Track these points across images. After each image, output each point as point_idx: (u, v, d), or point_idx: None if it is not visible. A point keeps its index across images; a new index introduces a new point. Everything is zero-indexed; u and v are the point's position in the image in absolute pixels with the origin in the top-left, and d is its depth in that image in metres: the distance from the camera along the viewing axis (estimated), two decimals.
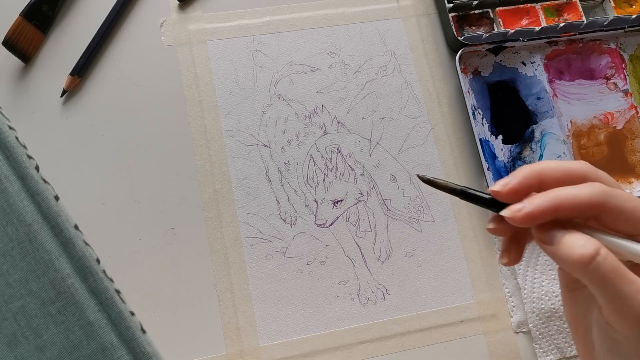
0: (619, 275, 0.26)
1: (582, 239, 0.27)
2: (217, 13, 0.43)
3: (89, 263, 0.25)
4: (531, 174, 0.29)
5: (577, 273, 0.28)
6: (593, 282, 0.27)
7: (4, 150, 0.26)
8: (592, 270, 0.27)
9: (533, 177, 0.29)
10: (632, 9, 0.46)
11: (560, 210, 0.27)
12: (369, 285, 0.38)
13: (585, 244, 0.27)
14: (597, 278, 0.27)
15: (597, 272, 0.27)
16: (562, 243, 0.28)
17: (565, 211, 0.27)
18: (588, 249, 0.27)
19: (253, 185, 0.40)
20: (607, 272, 0.26)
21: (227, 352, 0.36)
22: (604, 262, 0.26)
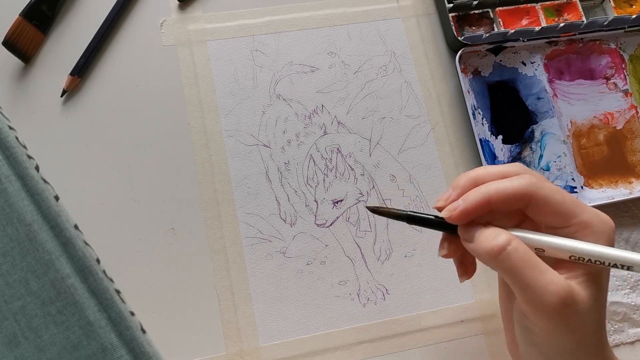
0: (529, 266, 0.27)
1: (494, 232, 0.29)
2: (217, 13, 0.43)
3: (89, 263, 0.25)
4: (468, 181, 0.30)
5: (490, 265, 0.29)
6: (504, 273, 0.28)
7: (4, 150, 0.26)
8: (502, 261, 0.28)
9: (471, 185, 0.30)
10: (632, 9, 0.46)
11: (492, 203, 0.29)
12: (369, 285, 0.38)
13: (496, 237, 0.28)
14: (507, 268, 0.28)
15: (507, 263, 0.28)
16: (477, 237, 0.29)
17: (496, 204, 0.29)
18: (498, 242, 0.28)
19: (253, 185, 0.40)
20: (516, 262, 0.27)
21: (227, 352, 0.36)
22: (513, 253, 0.27)
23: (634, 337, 0.39)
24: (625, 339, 0.39)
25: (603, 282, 0.29)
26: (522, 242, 0.28)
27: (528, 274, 0.27)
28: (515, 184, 0.29)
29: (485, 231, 0.29)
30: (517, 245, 0.28)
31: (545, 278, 0.27)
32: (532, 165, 0.42)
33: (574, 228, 0.29)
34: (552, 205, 0.29)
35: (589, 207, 0.29)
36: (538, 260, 0.28)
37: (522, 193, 0.29)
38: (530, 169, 0.31)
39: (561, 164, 0.42)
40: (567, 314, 0.27)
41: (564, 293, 0.27)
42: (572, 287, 0.27)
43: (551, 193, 0.29)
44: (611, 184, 0.42)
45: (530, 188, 0.29)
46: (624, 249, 0.41)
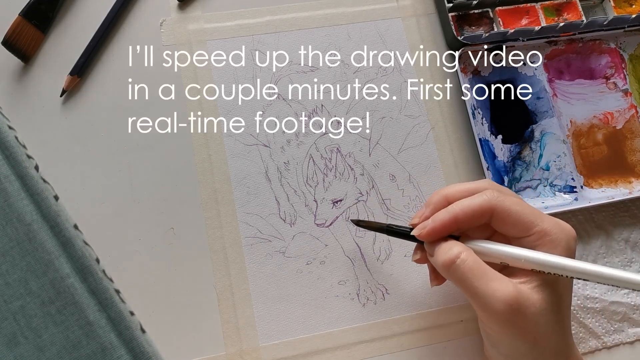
0: (477, 275, 0.30)
1: (448, 245, 0.31)
2: (216, 13, 0.43)
3: (89, 263, 0.25)
4: (440, 199, 0.33)
5: (446, 276, 0.32)
6: (456, 283, 0.31)
7: (4, 150, 0.26)
8: (453, 272, 0.30)
9: (442, 202, 0.33)
10: (632, 9, 0.46)
11: (460, 221, 0.31)
12: (369, 285, 0.38)
13: (449, 250, 0.31)
14: (457, 279, 0.31)
15: (457, 274, 0.30)
16: (436, 251, 0.32)
17: (464, 221, 0.31)
18: (450, 254, 0.31)
19: (253, 185, 0.40)
20: (464, 272, 0.30)
21: (226, 352, 0.36)
22: (462, 264, 0.30)
23: (634, 337, 0.39)
24: (625, 339, 0.39)
25: (560, 286, 0.31)
26: (472, 253, 0.31)
27: (476, 283, 0.30)
28: (477, 201, 0.31)
29: (442, 245, 0.31)
30: (466, 257, 0.30)
31: (492, 286, 0.29)
32: (532, 165, 0.42)
33: (534, 237, 0.31)
34: (512, 217, 0.31)
35: (549, 217, 0.31)
36: (486, 270, 0.30)
37: (484, 208, 0.31)
38: (497, 184, 0.34)
39: (561, 164, 0.42)
40: (515, 317, 0.29)
41: (510, 299, 0.29)
42: (521, 292, 0.29)
43: (512, 206, 0.31)
44: (611, 184, 0.42)
45: (491, 202, 0.31)
46: (624, 248, 0.41)
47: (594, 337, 0.38)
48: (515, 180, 0.41)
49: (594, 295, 0.39)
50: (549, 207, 0.40)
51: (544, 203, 0.40)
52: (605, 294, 0.39)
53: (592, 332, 0.38)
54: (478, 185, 0.33)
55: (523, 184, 0.41)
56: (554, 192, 0.41)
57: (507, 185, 0.41)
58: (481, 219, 0.31)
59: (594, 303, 0.39)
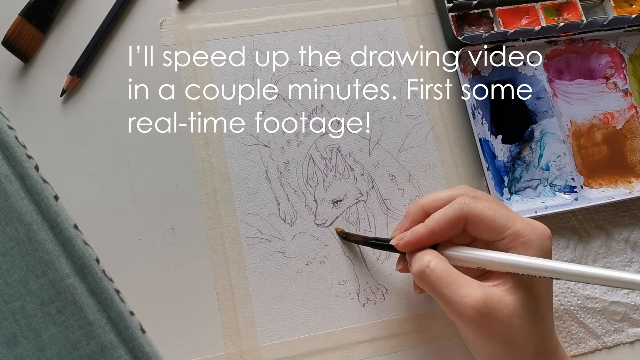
0: (446, 283, 0.30)
1: (420, 254, 0.32)
2: (216, 13, 0.43)
3: (89, 263, 0.25)
4: (417, 210, 0.34)
5: (419, 284, 0.32)
6: (428, 291, 0.32)
7: (4, 150, 0.25)
8: (424, 281, 0.31)
9: (420, 213, 0.34)
10: (632, 9, 0.46)
11: (436, 234, 0.32)
12: (369, 285, 0.38)
13: (420, 259, 0.31)
14: (429, 287, 0.31)
15: (427, 282, 0.31)
16: (411, 262, 0.32)
17: (440, 233, 0.32)
18: (420, 263, 0.31)
19: (253, 185, 0.40)
20: (434, 280, 0.30)
21: (226, 351, 0.36)
22: (431, 273, 0.31)
23: (634, 337, 0.39)
24: (625, 339, 0.39)
25: (537, 287, 0.31)
26: (442, 261, 0.31)
27: (445, 290, 0.30)
28: (449, 211, 0.32)
29: (416, 255, 0.32)
30: (435, 266, 0.31)
31: (460, 292, 0.30)
32: (532, 165, 0.42)
33: (507, 240, 0.31)
34: (484, 222, 0.31)
35: (522, 219, 0.32)
36: (456, 277, 0.30)
37: (457, 217, 0.31)
38: (472, 190, 0.34)
39: (561, 164, 0.42)
40: (486, 322, 0.29)
41: (479, 304, 0.29)
42: (490, 296, 0.30)
43: (484, 211, 0.31)
44: (611, 184, 0.42)
45: (463, 210, 0.31)
46: (624, 248, 0.41)
47: (594, 337, 0.38)
48: (515, 180, 0.41)
49: (594, 295, 0.39)
50: (549, 207, 0.40)
51: (544, 203, 0.40)
52: (605, 294, 0.39)
53: (592, 332, 0.38)
54: (453, 193, 0.33)
55: (523, 184, 0.41)
56: (554, 192, 0.41)
57: (506, 185, 0.41)
58: (457, 228, 0.32)
59: (594, 303, 0.39)
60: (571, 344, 0.38)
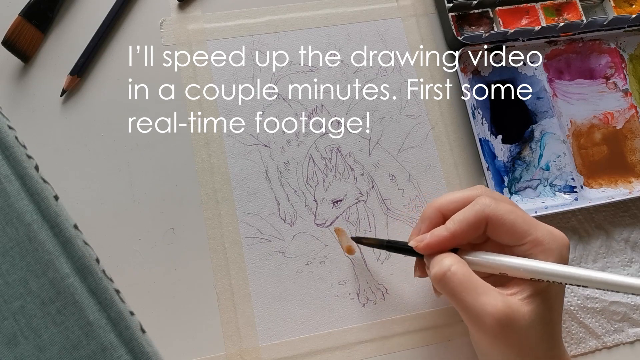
0: (467, 289, 0.29)
1: (440, 258, 0.31)
2: (216, 13, 0.43)
3: (89, 263, 0.25)
4: (433, 212, 0.33)
5: (438, 288, 0.31)
6: (447, 296, 0.31)
7: (4, 150, 0.25)
8: (444, 285, 0.30)
9: (436, 215, 0.33)
10: (632, 9, 0.46)
11: (458, 237, 0.31)
12: (369, 285, 0.38)
13: (440, 263, 0.31)
14: (448, 292, 0.30)
15: (447, 287, 0.30)
16: (430, 265, 0.31)
17: (462, 236, 0.31)
18: (441, 267, 0.30)
19: (253, 185, 0.40)
20: (455, 285, 0.30)
21: (226, 351, 0.36)
22: (452, 277, 0.30)
23: (634, 337, 0.39)
24: (625, 339, 0.39)
25: (551, 297, 0.30)
26: (463, 266, 0.30)
27: (466, 296, 0.29)
28: (471, 212, 0.31)
29: (435, 258, 0.31)
30: (456, 270, 0.30)
31: (481, 300, 0.29)
32: (532, 165, 0.42)
33: (527, 246, 0.30)
34: (505, 225, 0.31)
35: (543, 226, 0.31)
36: (477, 283, 0.29)
37: (479, 219, 0.31)
38: (490, 190, 0.33)
39: (561, 164, 0.42)
40: (504, 332, 0.29)
41: (499, 314, 0.28)
42: (511, 307, 0.29)
43: (505, 214, 0.31)
44: (611, 184, 0.42)
45: (484, 211, 0.31)
46: (624, 248, 0.41)
47: (594, 337, 0.38)
48: (515, 180, 0.41)
49: (594, 295, 0.39)
50: (549, 207, 0.40)
51: (544, 203, 0.40)
52: (605, 294, 0.39)
53: (592, 332, 0.38)
54: (470, 194, 0.33)
55: (523, 184, 0.41)
56: (554, 192, 0.41)
57: (506, 185, 0.41)
58: (478, 230, 0.31)
59: (594, 303, 0.39)
60: (571, 344, 0.38)
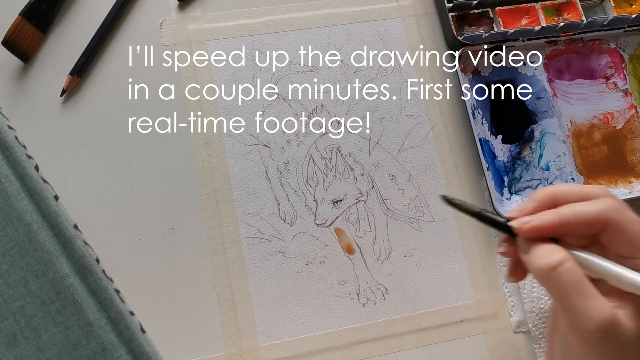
0: (577, 289, 0.27)
1: (550, 249, 0.28)
2: (216, 13, 0.43)
3: (89, 263, 0.25)
4: (546, 197, 0.30)
5: (539, 280, 0.29)
6: (552, 291, 0.28)
7: (4, 150, 0.25)
8: (552, 279, 0.28)
9: (548, 201, 0.30)
10: (632, 9, 0.46)
11: (568, 227, 0.28)
12: (369, 285, 0.38)
13: (551, 255, 0.28)
14: (555, 287, 0.28)
15: (556, 282, 0.27)
16: (533, 251, 0.29)
17: (572, 228, 0.28)
18: (551, 259, 0.28)
19: (253, 185, 0.40)
20: (565, 283, 0.27)
21: (226, 351, 0.36)
22: (565, 273, 0.27)
23: None
24: None
25: None
26: (576, 265, 0.28)
27: (574, 296, 0.27)
28: (593, 208, 0.28)
29: (543, 247, 0.28)
30: (570, 267, 0.27)
31: (590, 304, 0.27)
32: (532, 165, 0.42)
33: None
34: (627, 234, 0.28)
35: None
36: (588, 286, 0.27)
37: (600, 219, 0.28)
38: (613, 194, 0.30)
39: (561, 164, 0.42)
40: (605, 342, 0.27)
41: (606, 322, 0.26)
42: (618, 318, 0.27)
43: (629, 222, 0.28)
44: (611, 184, 0.42)
45: (608, 214, 0.28)
46: None
47: None
48: (515, 180, 0.41)
49: None
50: None
51: None
52: None
53: None
54: (594, 190, 0.30)
55: (523, 184, 0.41)
56: None
57: (506, 185, 0.41)
58: (592, 229, 0.29)
59: None
60: None
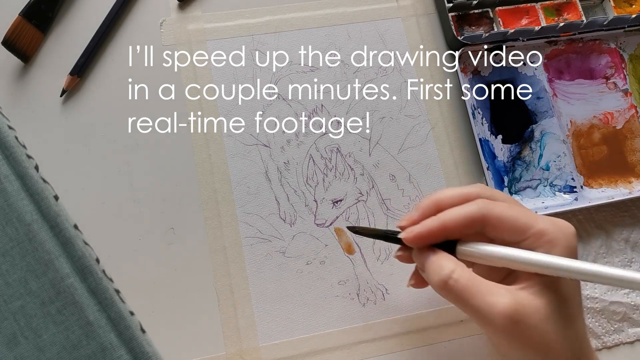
0: (473, 292, 0.28)
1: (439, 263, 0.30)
2: (216, 13, 0.43)
3: (89, 263, 0.25)
4: (430, 204, 0.32)
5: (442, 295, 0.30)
6: (453, 303, 0.30)
7: (4, 150, 0.26)
8: (448, 292, 0.29)
9: (432, 207, 0.32)
10: (632, 9, 0.46)
11: (449, 230, 0.30)
12: (369, 284, 0.38)
13: (440, 270, 0.29)
14: (453, 298, 0.29)
15: (452, 294, 0.29)
16: (427, 267, 0.30)
17: (453, 230, 0.30)
18: (441, 275, 0.29)
19: (253, 185, 0.40)
20: (459, 292, 0.29)
21: (226, 351, 0.36)
22: (455, 285, 0.29)
23: (634, 337, 0.39)
24: (625, 339, 0.39)
25: (564, 289, 0.29)
26: (464, 269, 0.29)
27: (472, 299, 0.28)
28: (466, 210, 0.30)
29: (434, 261, 0.30)
30: (459, 276, 0.29)
31: (489, 301, 0.28)
32: (532, 165, 0.42)
33: (531, 240, 0.29)
34: (506, 222, 0.30)
35: (544, 217, 0.30)
36: (482, 284, 0.29)
37: (475, 218, 0.30)
38: (489, 189, 0.32)
39: (561, 164, 0.42)
40: (517, 329, 0.28)
41: (509, 311, 0.27)
42: (520, 302, 0.28)
43: (504, 212, 0.30)
44: (611, 184, 0.42)
45: (481, 211, 0.30)
46: (624, 248, 0.41)
47: (594, 337, 0.38)
48: (515, 180, 0.41)
49: (594, 295, 0.39)
50: (549, 207, 0.40)
51: (544, 203, 0.40)
52: (605, 294, 0.39)
53: (592, 332, 0.39)
54: (470, 190, 0.32)
55: (523, 184, 0.41)
56: (554, 192, 0.41)
57: (506, 185, 0.41)
58: (472, 228, 0.30)
59: (594, 303, 0.39)
60: None
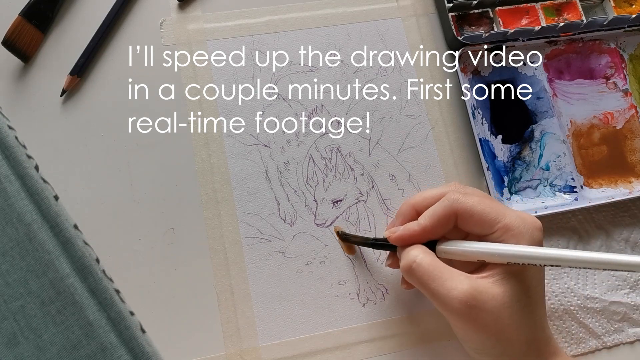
0: (433, 277, 0.31)
1: (407, 251, 0.32)
2: (216, 13, 0.43)
3: (89, 263, 0.25)
4: (408, 209, 0.34)
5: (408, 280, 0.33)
6: (416, 285, 0.32)
7: (4, 150, 0.25)
8: (411, 276, 0.32)
9: (412, 211, 0.34)
10: (632, 9, 0.46)
11: (429, 231, 0.32)
12: (369, 285, 0.38)
13: (407, 256, 0.32)
14: (416, 281, 0.32)
15: (415, 277, 0.31)
16: (400, 258, 0.33)
17: (433, 230, 0.32)
18: (407, 260, 0.32)
19: (253, 185, 0.40)
20: (420, 275, 0.31)
21: (226, 351, 0.36)
22: (417, 268, 0.31)
23: (634, 337, 0.39)
24: (625, 339, 0.39)
25: (527, 278, 0.31)
26: (428, 255, 0.31)
27: (432, 283, 0.31)
28: (439, 208, 0.32)
29: (407, 251, 0.32)
30: (422, 260, 0.31)
31: (447, 285, 0.30)
32: (532, 165, 0.42)
33: (498, 233, 0.31)
34: (475, 216, 0.32)
35: (512, 211, 0.32)
36: (443, 270, 0.31)
37: (447, 213, 0.32)
38: (461, 186, 0.34)
39: (561, 164, 0.42)
40: (473, 313, 0.30)
41: (465, 296, 0.29)
42: (477, 288, 0.30)
43: (473, 206, 0.32)
44: (611, 184, 0.42)
45: (452, 206, 0.32)
46: (624, 249, 0.41)
47: (594, 337, 0.38)
48: (515, 180, 0.41)
49: (594, 295, 0.39)
50: (549, 207, 0.40)
51: (544, 203, 0.40)
52: (605, 294, 0.39)
53: (592, 332, 0.38)
54: (442, 190, 0.34)
55: (523, 184, 0.41)
56: (554, 192, 0.41)
57: (506, 185, 0.41)
58: (448, 224, 0.32)
59: (594, 303, 0.39)
60: (571, 344, 0.38)
